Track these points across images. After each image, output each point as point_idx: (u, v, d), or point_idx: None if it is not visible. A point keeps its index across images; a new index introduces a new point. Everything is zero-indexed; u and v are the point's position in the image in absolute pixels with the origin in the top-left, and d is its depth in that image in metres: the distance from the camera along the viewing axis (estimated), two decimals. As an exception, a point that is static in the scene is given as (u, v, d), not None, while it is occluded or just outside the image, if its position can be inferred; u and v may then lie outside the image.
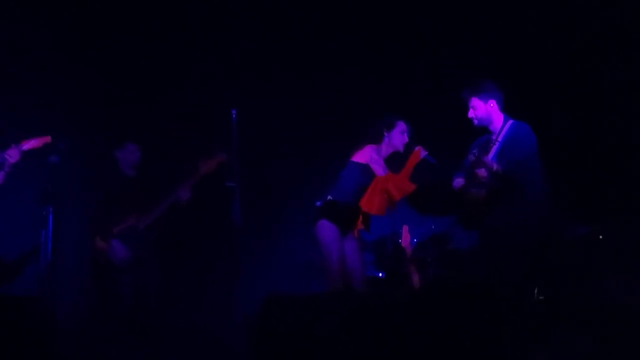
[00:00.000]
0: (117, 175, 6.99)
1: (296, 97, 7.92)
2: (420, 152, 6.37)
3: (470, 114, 5.96)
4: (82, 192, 7.09)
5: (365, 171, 6.31)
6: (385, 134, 6.42)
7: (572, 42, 7.26)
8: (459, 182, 6.02)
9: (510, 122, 5.93)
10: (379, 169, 6.29)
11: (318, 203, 6.36)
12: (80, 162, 7.12)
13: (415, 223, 7.49)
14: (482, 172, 5.74)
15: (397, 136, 6.43)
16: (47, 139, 6.15)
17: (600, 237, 6.33)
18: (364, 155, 6.35)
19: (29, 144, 6.11)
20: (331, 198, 6.31)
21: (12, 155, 6.03)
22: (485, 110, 5.92)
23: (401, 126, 6.44)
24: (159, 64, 7.77)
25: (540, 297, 5.97)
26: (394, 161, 6.48)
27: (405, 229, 7.11)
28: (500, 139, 5.86)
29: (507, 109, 5.98)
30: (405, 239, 7.14)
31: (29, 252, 6.49)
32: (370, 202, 6.26)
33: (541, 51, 7.33)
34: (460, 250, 7.18)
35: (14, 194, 6.65)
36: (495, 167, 5.68)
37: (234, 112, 6.40)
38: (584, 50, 7.20)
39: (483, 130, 6.02)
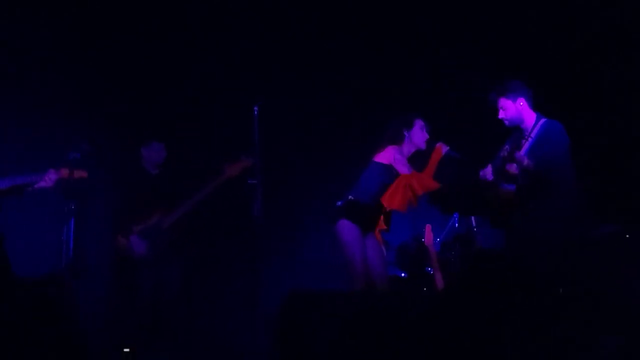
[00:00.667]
0: (140, 173, 7.01)
1: (318, 95, 7.91)
2: (442, 148, 6.37)
3: (501, 114, 5.90)
4: (105, 189, 7.11)
5: (388, 171, 6.29)
6: (406, 133, 6.40)
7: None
8: (485, 173, 5.95)
9: (543, 120, 5.86)
10: (403, 169, 6.27)
11: (339, 203, 6.33)
12: (104, 159, 7.12)
13: (439, 222, 7.44)
14: (512, 168, 5.68)
15: (418, 134, 6.41)
16: (84, 174, 6.14)
17: (627, 235, 6.25)
18: (387, 156, 6.33)
19: (68, 174, 6.07)
20: (352, 198, 6.28)
21: (49, 181, 6.01)
22: (515, 109, 5.86)
23: (420, 123, 6.43)
24: (183, 62, 7.79)
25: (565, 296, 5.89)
26: (417, 160, 6.44)
27: (428, 228, 7.05)
28: (531, 138, 5.79)
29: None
30: (429, 238, 7.08)
31: (51, 278, 6.49)
32: (392, 198, 6.24)
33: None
34: (484, 250, 7.10)
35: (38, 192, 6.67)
36: (526, 162, 5.61)
37: (255, 109, 6.37)
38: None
39: (512, 129, 5.96)
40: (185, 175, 7.22)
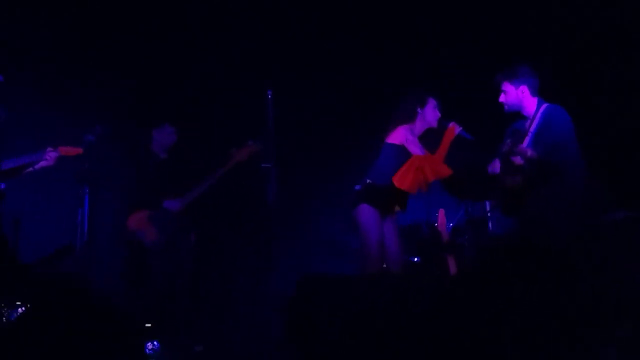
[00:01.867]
0: (149, 157, 7.04)
1: (333, 78, 7.91)
2: (455, 129, 6.30)
3: (502, 98, 5.87)
4: (118, 172, 7.15)
5: (402, 152, 6.25)
6: (419, 110, 6.36)
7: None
8: (494, 167, 5.96)
9: (545, 105, 5.84)
10: (415, 149, 6.23)
11: (357, 187, 6.32)
12: (116, 143, 7.17)
13: (452, 207, 7.44)
14: (517, 159, 5.66)
15: (431, 112, 6.38)
16: (80, 150, 6.20)
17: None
18: (399, 136, 6.29)
19: (65, 151, 6.14)
20: (370, 181, 6.27)
21: (50, 159, 6.06)
22: (515, 95, 5.83)
23: (433, 102, 6.39)
24: (196, 48, 7.80)
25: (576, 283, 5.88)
26: (428, 137, 6.42)
27: (441, 212, 7.06)
28: (534, 125, 5.77)
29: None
30: (442, 223, 7.08)
31: (64, 249, 6.53)
32: (403, 178, 6.19)
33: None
34: (497, 235, 7.11)
35: (52, 174, 6.72)
36: (529, 153, 5.59)
37: (269, 92, 6.38)
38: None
39: (517, 115, 5.95)
40: (194, 160, 7.26)
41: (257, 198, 6.42)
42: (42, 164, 6.08)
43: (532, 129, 5.77)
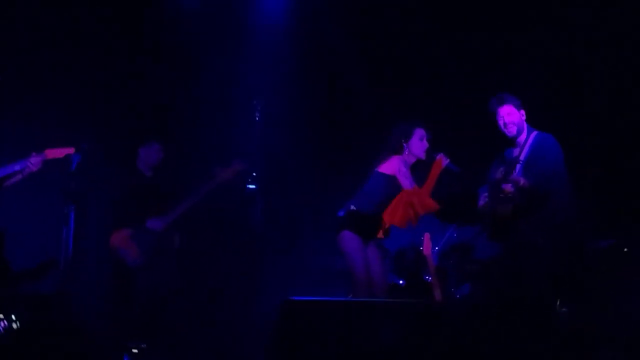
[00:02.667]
0: (135, 175, 7.03)
1: (319, 103, 7.92)
2: (442, 161, 6.28)
3: (507, 119, 5.84)
4: (103, 189, 7.13)
5: (392, 182, 6.24)
6: (404, 144, 6.32)
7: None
8: (484, 199, 5.96)
9: (535, 133, 5.86)
10: (405, 182, 6.21)
11: (341, 212, 6.31)
12: (102, 161, 7.15)
13: (437, 231, 7.43)
14: (508, 187, 5.66)
15: (417, 144, 6.32)
16: (71, 150, 6.13)
17: (625, 249, 6.25)
18: (391, 167, 6.26)
19: (52, 154, 6.09)
20: (354, 208, 6.26)
21: (34, 164, 6.03)
22: (519, 117, 5.87)
23: (419, 133, 6.33)
24: (181, 65, 7.80)
25: (563, 309, 5.89)
26: (419, 168, 6.41)
27: (427, 236, 7.04)
28: (524, 153, 5.79)
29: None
30: (427, 247, 7.07)
31: (48, 262, 6.50)
32: (394, 214, 6.20)
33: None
34: (482, 261, 7.10)
35: (39, 189, 6.70)
36: (522, 182, 5.60)
37: (257, 115, 6.37)
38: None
39: (506, 143, 5.96)
40: (179, 179, 7.25)
41: (242, 220, 6.40)
42: (26, 170, 6.04)
43: (522, 157, 5.78)
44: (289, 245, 7.87)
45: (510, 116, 5.85)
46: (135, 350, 5.32)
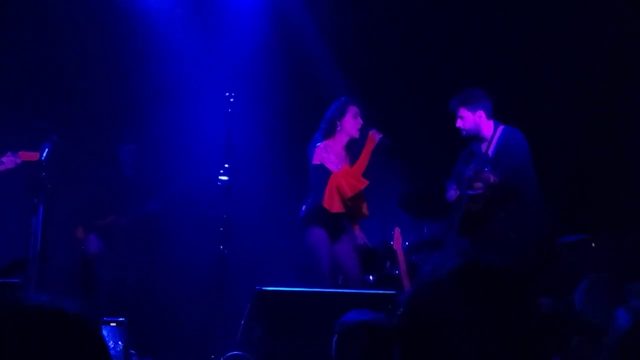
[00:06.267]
0: (114, 173, 7.17)
1: (291, 96, 7.93)
2: (375, 136, 6.24)
3: (459, 123, 5.88)
4: (73, 182, 7.12)
5: (323, 171, 6.22)
6: (338, 122, 6.26)
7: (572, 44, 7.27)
8: (452, 194, 6.00)
9: (502, 127, 5.89)
10: (332, 166, 6.18)
11: (301, 213, 6.35)
12: (76, 155, 7.18)
13: (408, 226, 7.45)
14: (478, 185, 5.69)
15: (350, 122, 6.26)
16: (36, 156, 6.06)
17: (593, 244, 6.32)
18: (317, 156, 6.24)
19: (26, 156, 6.07)
20: (305, 207, 6.30)
21: (8, 163, 6.01)
22: (473, 121, 5.85)
23: (353, 110, 6.28)
24: (160, 65, 7.79)
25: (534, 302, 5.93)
26: (354, 148, 6.37)
27: (397, 231, 7.06)
28: (492, 148, 5.82)
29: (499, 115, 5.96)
30: (397, 242, 7.09)
31: (17, 263, 6.46)
32: (331, 201, 6.16)
33: (542, 53, 7.35)
34: (451, 255, 7.13)
35: (6, 182, 6.63)
36: (492, 179, 5.63)
37: (229, 109, 6.38)
38: (584, 52, 7.20)
39: (470, 140, 5.99)
40: (152, 176, 7.35)
41: (214, 211, 6.39)
42: (1, 168, 6.01)
43: (490, 152, 5.81)
44: (260, 236, 7.86)
45: (463, 120, 5.86)
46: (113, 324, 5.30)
